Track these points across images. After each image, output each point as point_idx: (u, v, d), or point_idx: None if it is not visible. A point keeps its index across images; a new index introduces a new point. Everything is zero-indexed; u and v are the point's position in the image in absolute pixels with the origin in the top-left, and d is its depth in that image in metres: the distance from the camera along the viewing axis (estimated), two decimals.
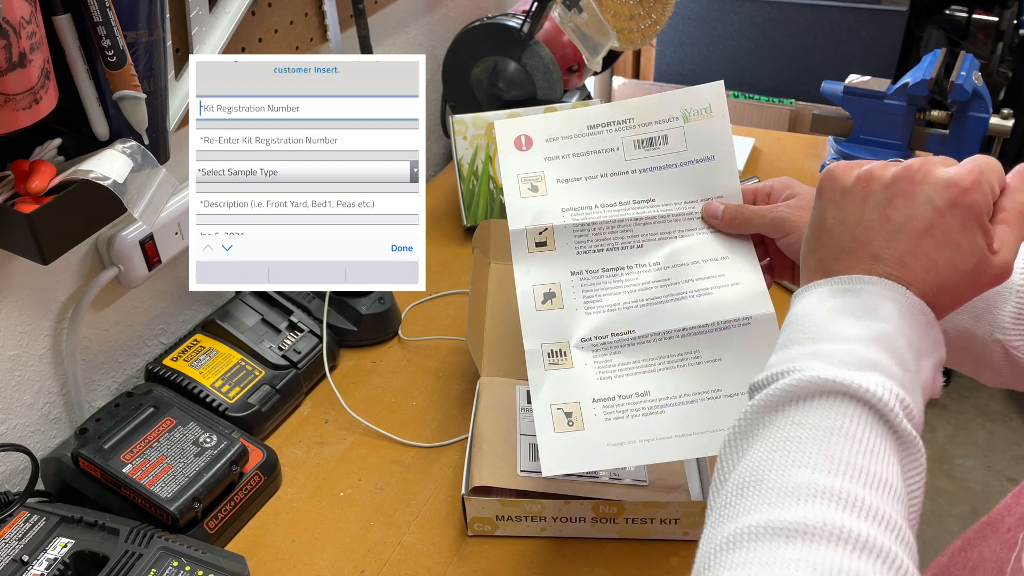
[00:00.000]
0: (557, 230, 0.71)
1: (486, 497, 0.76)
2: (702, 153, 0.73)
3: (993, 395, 2.28)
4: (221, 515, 0.78)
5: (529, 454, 0.79)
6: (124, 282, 0.88)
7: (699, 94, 0.73)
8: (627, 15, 1.22)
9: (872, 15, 1.82)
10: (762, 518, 0.38)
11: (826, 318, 0.46)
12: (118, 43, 0.67)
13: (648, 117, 0.74)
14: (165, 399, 0.83)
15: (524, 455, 0.79)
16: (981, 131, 1.22)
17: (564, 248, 0.71)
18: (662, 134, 0.74)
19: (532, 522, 0.77)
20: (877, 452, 0.40)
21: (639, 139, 0.74)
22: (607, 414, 0.67)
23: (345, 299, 1.00)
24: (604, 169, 0.74)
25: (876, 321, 0.45)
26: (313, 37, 1.06)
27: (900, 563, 0.36)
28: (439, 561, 0.76)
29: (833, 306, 0.46)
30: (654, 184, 0.73)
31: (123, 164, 0.71)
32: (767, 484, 0.40)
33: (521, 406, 0.84)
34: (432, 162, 1.44)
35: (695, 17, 1.97)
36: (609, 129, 0.74)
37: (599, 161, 0.73)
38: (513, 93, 1.23)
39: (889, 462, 0.40)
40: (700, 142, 0.73)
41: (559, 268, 0.71)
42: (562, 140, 0.74)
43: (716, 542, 0.39)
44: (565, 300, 0.70)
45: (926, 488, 0.43)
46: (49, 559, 0.67)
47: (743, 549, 0.38)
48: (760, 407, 0.44)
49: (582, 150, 0.74)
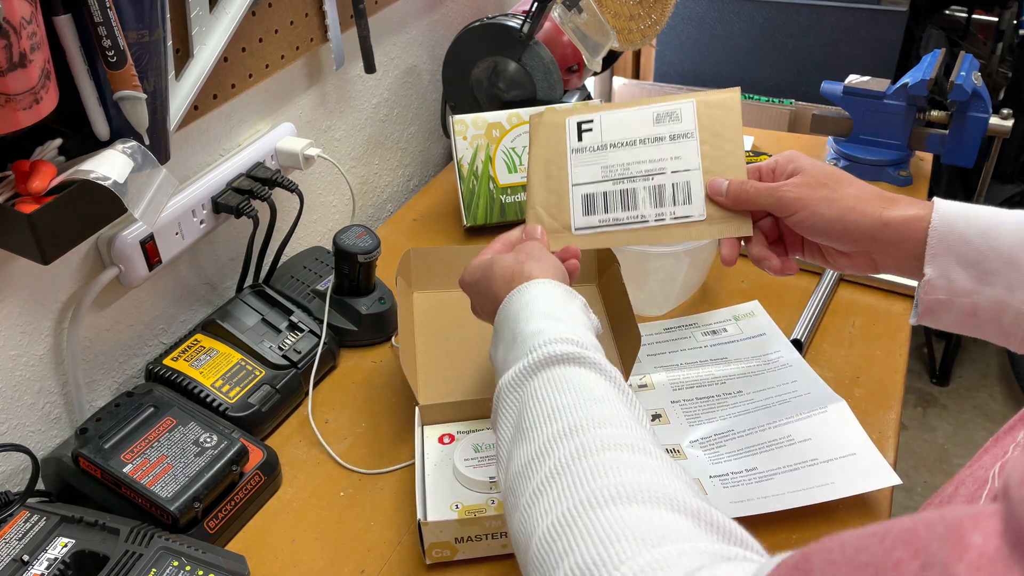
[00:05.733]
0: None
1: (444, 520, 0.73)
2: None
3: (993, 395, 2.28)
4: (221, 515, 0.78)
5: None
6: (124, 282, 0.88)
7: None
8: (627, 15, 1.22)
9: (872, 15, 1.82)
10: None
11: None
12: (118, 43, 0.67)
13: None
14: (165, 399, 0.83)
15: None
16: (981, 131, 1.22)
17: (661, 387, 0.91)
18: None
19: (493, 539, 0.75)
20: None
21: None
22: (724, 484, 0.79)
23: (345, 299, 1.00)
24: None
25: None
26: (313, 37, 1.06)
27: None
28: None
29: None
30: None
31: (123, 164, 0.71)
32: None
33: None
34: (432, 162, 1.44)
35: (695, 17, 1.97)
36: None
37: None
38: (513, 93, 1.23)
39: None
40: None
41: (662, 399, 0.90)
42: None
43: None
44: (671, 419, 0.87)
45: (926, 489, 0.44)
46: (49, 559, 0.67)
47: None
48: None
49: None
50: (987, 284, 0.62)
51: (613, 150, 0.75)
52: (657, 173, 0.74)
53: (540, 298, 0.63)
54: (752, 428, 0.85)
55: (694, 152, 0.74)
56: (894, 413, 0.89)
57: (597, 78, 1.89)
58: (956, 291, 0.63)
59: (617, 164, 0.75)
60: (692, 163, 0.74)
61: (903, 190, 1.27)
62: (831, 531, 0.33)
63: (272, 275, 1.04)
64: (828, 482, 0.77)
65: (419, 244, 1.19)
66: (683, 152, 0.74)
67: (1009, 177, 2.19)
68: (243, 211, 0.95)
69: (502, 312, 0.65)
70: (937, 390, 2.30)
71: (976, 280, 0.62)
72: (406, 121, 1.34)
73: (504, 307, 0.65)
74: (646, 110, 0.76)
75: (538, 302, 0.62)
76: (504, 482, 0.55)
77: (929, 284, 0.64)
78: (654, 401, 0.90)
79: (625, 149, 0.75)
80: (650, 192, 0.74)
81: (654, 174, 0.74)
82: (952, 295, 0.64)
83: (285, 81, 1.06)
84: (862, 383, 0.93)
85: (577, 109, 0.78)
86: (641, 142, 0.75)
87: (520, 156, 1.18)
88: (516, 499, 0.51)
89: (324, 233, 1.20)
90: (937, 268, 0.64)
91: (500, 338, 0.64)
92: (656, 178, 0.74)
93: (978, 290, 0.62)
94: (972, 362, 2.37)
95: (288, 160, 1.04)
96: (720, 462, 0.81)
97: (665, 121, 0.75)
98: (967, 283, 0.63)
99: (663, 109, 0.75)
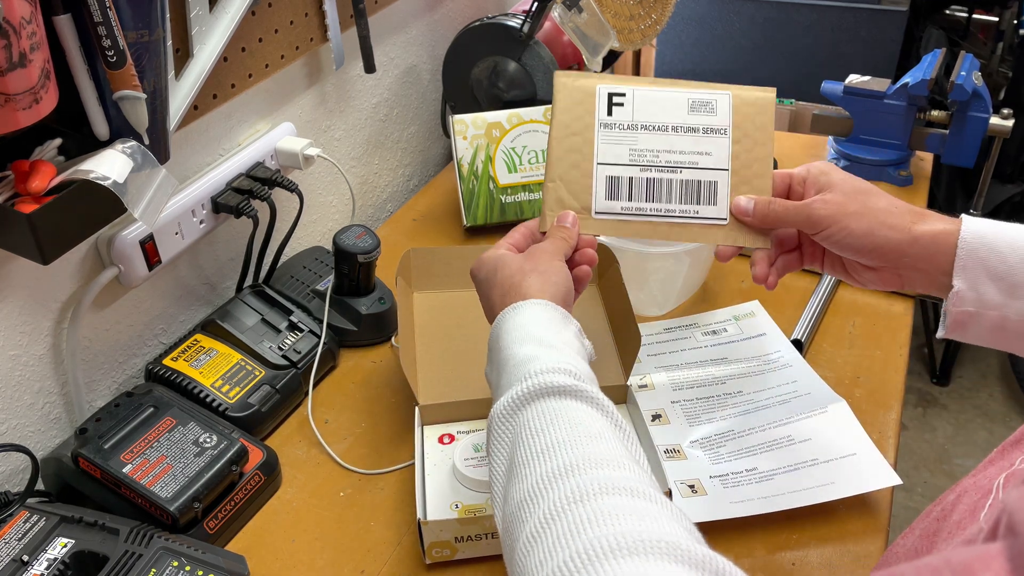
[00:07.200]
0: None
1: (444, 519, 0.73)
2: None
3: (993, 395, 2.28)
4: (221, 515, 0.78)
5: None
6: (124, 282, 0.88)
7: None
8: (627, 15, 1.22)
9: (872, 15, 1.82)
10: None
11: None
12: (118, 43, 0.67)
13: None
14: (165, 399, 0.83)
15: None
16: (981, 131, 1.22)
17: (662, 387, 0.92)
18: None
19: (493, 539, 0.74)
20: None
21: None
22: (724, 484, 0.79)
23: (345, 299, 1.00)
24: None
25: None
26: (313, 37, 1.06)
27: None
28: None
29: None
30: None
31: (123, 164, 0.70)
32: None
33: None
34: (432, 162, 1.44)
35: (695, 17, 1.97)
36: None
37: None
38: (513, 93, 1.23)
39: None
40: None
41: (662, 399, 0.90)
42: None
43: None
44: (671, 419, 0.88)
45: (926, 489, 0.44)
46: (49, 559, 0.67)
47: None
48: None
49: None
50: (1016, 297, 0.61)
51: (644, 133, 0.72)
52: (687, 167, 0.71)
53: (533, 321, 0.61)
54: (752, 428, 0.85)
55: (725, 151, 0.71)
56: (894, 413, 0.89)
57: None
58: (985, 304, 0.63)
59: (647, 149, 0.71)
60: (722, 162, 0.71)
61: (903, 190, 1.27)
62: (831, 531, 0.33)
63: (272, 275, 1.04)
64: (828, 482, 0.77)
65: (419, 244, 1.19)
66: (714, 149, 0.71)
67: (1009, 177, 2.19)
68: (243, 211, 0.95)
69: (495, 330, 0.63)
70: (937, 390, 2.30)
71: (1005, 293, 0.62)
72: (406, 121, 1.34)
73: (497, 325, 0.63)
74: (681, 94, 0.73)
75: (531, 325, 0.61)
76: (500, 520, 0.53)
77: (957, 296, 0.63)
78: (654, 401, 0.90)
79: (657, 134, 0.72)
80: (679, 186, 0.71)
81: (683, 167, 0.71)
82: (981, 307, 0.63)
83: (285, 81, 1.06)
84: (862, 383, 0.93)
85: (605, 76, 0.74)
86: (674, 129, 0.72)
87: (520, 156, 1.18)
88: (512, 541, 0.49)
89: (324, 233, 1.20)
90: (966, 280, 0.63)
91: (493, 358, 0.62)
92: (684, 172, 0.71)
93: (1007, 303, 0.62)
94: (972, 362, 2.37)
95: (288, 160, 1.04)
96: (720, 462, 0.81)
97: (700, 111, 0.72)
98: (996, 296, 0.62)
99: (699, 96, 0.73)
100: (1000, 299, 0.62)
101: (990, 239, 0.62)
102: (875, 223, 0.65)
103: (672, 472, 0.80)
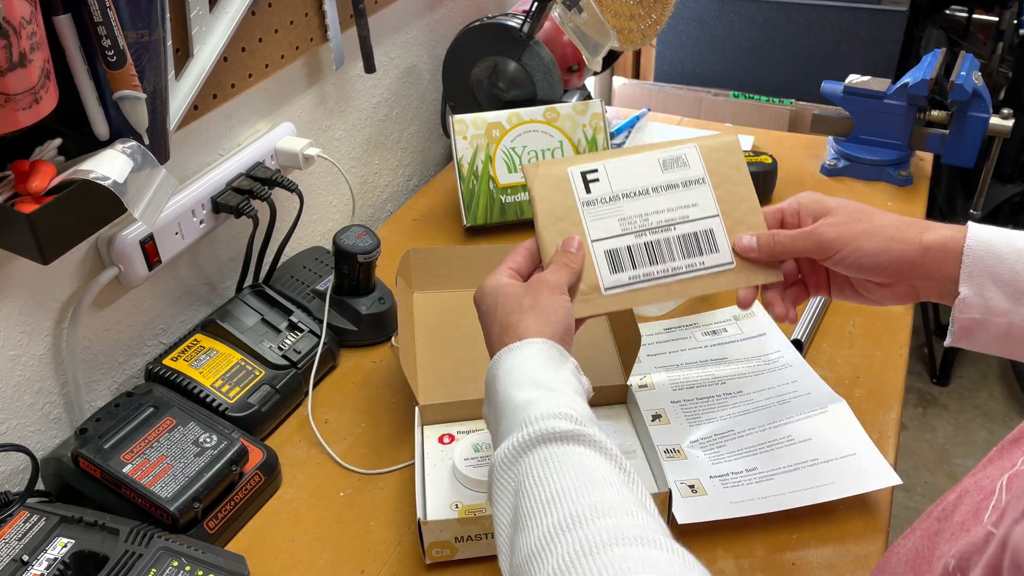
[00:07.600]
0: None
1: (444, 519, 0.73)
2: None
3: (993, 395, 2.28)
4: (221, 515, 0.78)
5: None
6: (124, 282, 0.88)
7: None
8: (627, 15, 1.22)
9: (872, 15, 1.82)
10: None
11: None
12: (118, 43, 0.67)
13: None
14: (165, 399, 0.83)
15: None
16: (981, 131, 1.22)
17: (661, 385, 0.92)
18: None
19: (493, 539, 0.74)
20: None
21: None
22: (724, 484, 0.79)
23: (345, 299, 1.00)
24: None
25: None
26: (313, 37, 1.06)
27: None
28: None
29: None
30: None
31: (123, 164, 0.70)
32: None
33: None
34: (432, 162, 1.44)
35: (695, 17, 1.97)
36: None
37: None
38: (513, 93, 1.23)
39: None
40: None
41: (662, 399, 0.90)
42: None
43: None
44: (671, 419, 0.88)
45: (926, 489, 0.44)
46: (49, 559, 0.67)
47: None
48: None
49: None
50: (1023, 303, 0.61)
51: (627, 200, 0.71)
52: (679, 222, 0.71)
53: (530, 361, 0.60)
54: (752, 428, 0.85)
55: (710, 198, 0.72)
56: (894, 413, 0.89)
57: (597, 78, 1.89)
58: (992, 311, 0.62)
59: (635, 215, 0.71)
60: (710, 209, 0.71)
61: (903, 190, 1.27)
62: (831, 531, 0.33)
63: (272, 275, 1.04)
64: (828, 482, 0.77)
65: (419, 244, 1.19)
66: (699, 199, 0.71)
67: (1009, 177, 2.19)
68: (243, 211, 0.95)
69: (491, 371, 0.62)
70: (937, 390, 2.30)
71: (1012, 300, 0.61)
72: (406, 121, 1.34)
73: (494, 365, 0.62)
74: (650, 156, 0.73)
75: (527, 367, 0.59)
76: (508, 572, 0.52)
77: (964, 303, 0.63)
78: (654, 401, 0.90)
79: (640, 199, 0.71)
80: (677, 242, 0.71)
81: (676, 223, 0.71)
82: (987, 315, 0.62)
83: (285, 81, 1.06)
84: (862, 383, 0.93)
85: (571, 159, 0.74)
86: (654, 190, 0.72)
87: (520, 156, 1.18)
88: None
89: (324, 233, 1.20)
90: (972, 287, 0.63)
91: (491, 400, 0.61)
92: (679, 227, 0.71)
93: (1014, 309, 0.62)
94: (972, 362, 2.37)
95: (288, 160, 1.04)
96: (720, 462, 0.81)
97: (673, 167, 0.72)
98: (1002, 302, 0.62)
99: (667, 155, 0.73)
100: (1007, 305, 0.62)
101: (996, 246, 0.62)
102: (885, 239, 0.65)
103: (672, 472, 0.80)
